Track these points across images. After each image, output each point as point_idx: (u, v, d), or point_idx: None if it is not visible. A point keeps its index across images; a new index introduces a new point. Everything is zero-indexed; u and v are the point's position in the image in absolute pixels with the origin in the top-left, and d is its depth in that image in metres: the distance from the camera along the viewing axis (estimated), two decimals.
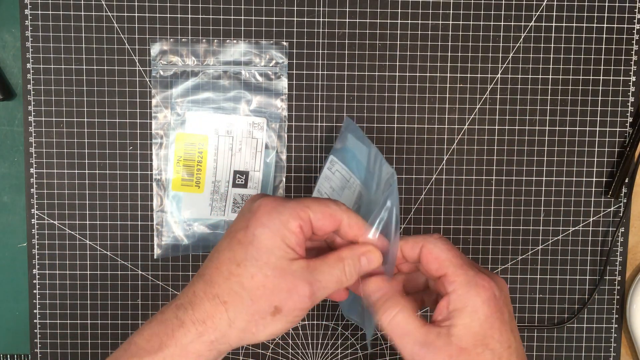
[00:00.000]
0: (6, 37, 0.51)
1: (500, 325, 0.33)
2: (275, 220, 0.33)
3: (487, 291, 0.33)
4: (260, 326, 0.33)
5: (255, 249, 0.33)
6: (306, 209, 0.34)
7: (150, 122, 0.51)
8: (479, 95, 0.51)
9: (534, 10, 0.51)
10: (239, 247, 0.33)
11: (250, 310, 0.33)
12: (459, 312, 0.33)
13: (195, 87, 0.50)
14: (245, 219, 0.34)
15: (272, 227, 0.33)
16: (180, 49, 0.50)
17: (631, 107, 0.52)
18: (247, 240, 0.33)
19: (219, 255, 0.34)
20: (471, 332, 0.32)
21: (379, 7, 0.50)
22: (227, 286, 0.33)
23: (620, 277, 0.53)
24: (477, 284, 0.33)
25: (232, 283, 0.33)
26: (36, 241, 0.51)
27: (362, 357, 0.54)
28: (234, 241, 0.33)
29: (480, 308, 0.32)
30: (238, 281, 0.33)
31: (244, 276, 0.33)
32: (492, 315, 0.33)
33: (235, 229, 0.34)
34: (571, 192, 0.52)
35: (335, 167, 0.45)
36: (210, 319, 0.33)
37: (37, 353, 0.52)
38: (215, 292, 0.33)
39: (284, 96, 0.51)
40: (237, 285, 0.33)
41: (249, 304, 0.33)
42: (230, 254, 0.33)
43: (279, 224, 0.33)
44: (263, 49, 0.50)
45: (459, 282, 0.33)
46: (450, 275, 0.34)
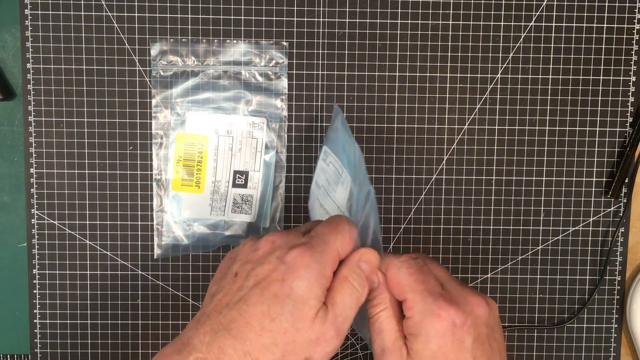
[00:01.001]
0: (6, 37, 0.51)
1: (457, 355, 0.32)
2: (314, 270, 0.32)
3: (442, 321, 0.33)
4: None
5: (292, 302, 0.31)
6: (335, 248, 0.33)
7: (150, 122, 0.51)
8: (479, 95, 0.51)
9: (534, 10, 0.51)
10: (274, 302, 0.31)
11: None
12: (413, 338, 0.33)
13: (195, 87, 0.50)
14: (280, 270, 0.32)
15: (310, 279, 0.32)
16: (180, 49, 0.50)
17: (631, 107, 0.52)
18: (284, 294, 0.31)
19: (250, 309, 0.31)
20: (425, 355, 0.33)
21: (379, 7, 0.50)
22: (259, 342, 0.31)
23: (620, 277, 0.53)
24: (433, 313, 0.33)
25: (265, 339, 0.31)
26: (36, 241, 0.51)
27: (362, 357, 0.54)
28: (268, 294, 0.31)
29: (433, 338, 0.33)
30: (271, 337, 0.31)
31: (277, 332, 0.31)
32: (446, 346, 0.32)
33: (268, 280, 0.32)
34: (571, 192, 0.52)
35: (329, 158, 0.44)
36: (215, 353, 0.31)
37: (37, 353, 0.52)
38: (247, 349, 0.31)
39: (284, 96, 0.51)
40: (270, 341, 0.31)
41: (281, 359, 0.31)
42: (264, 307, 0.31)
43: (317, 273, 0.32)
44: (263, 49, 0.50)
45: (415, 310, 0.33)
46: (409, 302, 0.34)
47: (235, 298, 0.32)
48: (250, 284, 0.32)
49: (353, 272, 0.34)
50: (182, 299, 0.52)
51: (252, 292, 0.32)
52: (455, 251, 0.52)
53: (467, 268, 0.52)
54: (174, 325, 0.52)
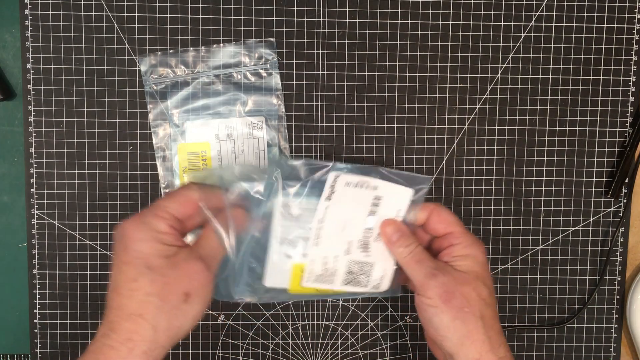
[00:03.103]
0: (6, 37, 0.51)
1: (490, 277, 0.41)
2: (146, 231, 0.37)
3: (482, 247, 0.42)
4: (181, 317, 0.36)
5: (142, 260, 0.36)
6: (163, 208, 0.37)
7: (150, 132, 0.51)
8: (479, 95, 0.51)
9: (534, 10, 0.51)
10: (127, 267, 0.36)
11: (165, 309, 0.36)
12: (463, 257, 0.41)
13: (189, 96, 0.50)
14: (122, 244, 0.37)
15: (145, 237, 0.36)
16: (169, 60, 0.50)
17: (631, 107, 0.52)
18: (131, 258, 0.36)
19: (114, 282, 0.37)
20: (473, 270, 0.40)
21: (379, 7, 0.50)
22: (134, 301, 0.36)
23: (620, 277, 0.53)
24: (477, 241, 0.42)
25: (137, 296, 0.36)
26: (36, 241, 0.51)
27: (362, 357, 0.54)
28: (121, 264, 0.36)
29: (480, 256, 0.41)
30: (141, 292, 0.36)
31: (144, 286, 0.36)
32: (485, 266, 0.41)
33: (116, 255, 0.37)
34: (571, 192, 0.52)
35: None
36: (135, 334, 0.35)
37: (37, 353, 0.52)
38: (128, 311, 0.36)
39: (279, 92, 0.51)
40: (143, 295, 0.36)
41: (161, 304, 0.36)
42: (123, 275, 0.36)
43: (150, 231, 0.37)
44: (252, 48, 0.50)
45: (463, 238, 0.41)
46: (457, 233, 0.41)
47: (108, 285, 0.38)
48: (112, 268, 0.38)
49: (218, 226, 0.39)
50: None
51: (114, 269, 0.37)
52: None
53: None
54: None
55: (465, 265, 0.40)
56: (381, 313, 0.53)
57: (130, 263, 0.36)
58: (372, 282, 0.43)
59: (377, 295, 0.45)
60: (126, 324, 0.35)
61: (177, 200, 0.38)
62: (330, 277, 0.42)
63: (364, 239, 0.42)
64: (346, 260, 0.42)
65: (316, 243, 0.41)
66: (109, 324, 0.36)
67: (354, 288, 0.43)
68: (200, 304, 0.37)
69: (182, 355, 0.53)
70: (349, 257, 0.42)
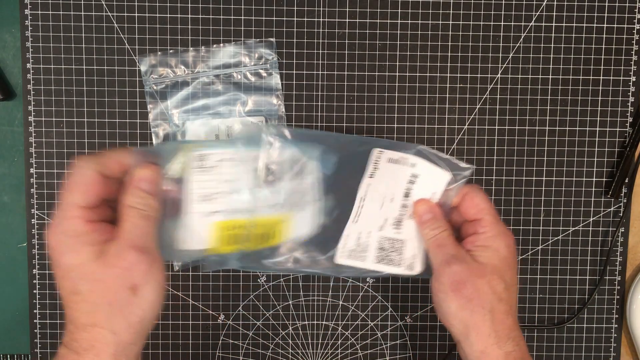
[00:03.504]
0: (6, 37, 0.51)
1: (512, 268, 0.41)
2: (66, 240, 0.35)
3: (509, 239, 0.41)
4: (137, 310, 0.35)
5: (74, 272, 0.34)
6: (70, 206, 0.35)
7: (149, 122, 0.51)
8: (479, 95, 0.51)
9: (534, 10, 0.51)
10: (64, 282, 0.35)
11: (116, 311, 0.34)
12: (484, 248, 0.40)
13: (189, 96, 0.50)
14: (52, 258, 0.35)
15: (68, 247, 0.35)
16: (169, 60, 0.50)
17: (631, 107, 0.52)
18: (64, 272, 0.35)
19: (61, 296, 0.35)
20: (492, 262, 0.40)
21: (379, 7, 0.50)
22: (83, 314, 0.34)
23: (620, 277, 0.53)
24: (505, 232, 0.41)
25: (84, 308, 0.34)
26: (36, 241, 0.51)
27: (362, 357, 0.54)
28: (58, 279, 0.35)
29: (502, 250, 0.40)
30: (87, 304, 0.34)
31: (86, 297, 0.34)
32: (509, 258, 0.40)
33: (54, 270, 0.36)
34: (571, 192, 0.52)
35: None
36: (96, 342, 0.34)
37: (37, 353, 0.52)
38: (81, 322, 0.34)
39: (279, 92, 0.51)
40: (89, 306, 0.34)
41: (110, 309, 0.34)
42: (65, 290, 0.35)
43: (70, 239, 0.35)
44: (252, 48, 0.50)
45: (490, 227, 0.40)
46: (485, 221, 0.41)
47: None
48: (55, 276, 0.36)
49: (131, 195, 0.36)
50: (182, 298, 0.52)
51: (56, 282, 0.36)
52: None
53: None
54: (165, 325, 0.52)
55: (484, 257, 0.40)
56: (381, 313, 0.53)
57: (65, 277, 0.35)
58: (405, 261, 0.43)
59: (414, 276, 0.44)
60: (83, 334, 0.34)
61: (77, 189, 0.35)
62: (362, 252, 0.43)
63: (398, 216, 0.42)
64: (378, 236, 0.42)
65: (356, 220, 0.42)
66: (70, 334, 0.35)
67: (387, 267, 0.43)
68: (153, 288, 0.35)
69: (182, 355, 0.53)
70: (381, 233, 0.42)
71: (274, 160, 0.39)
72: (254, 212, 0.39)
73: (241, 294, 0.52)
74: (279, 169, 0.39)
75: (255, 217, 0.39)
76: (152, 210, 0.37)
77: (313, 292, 0.53)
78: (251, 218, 0.39)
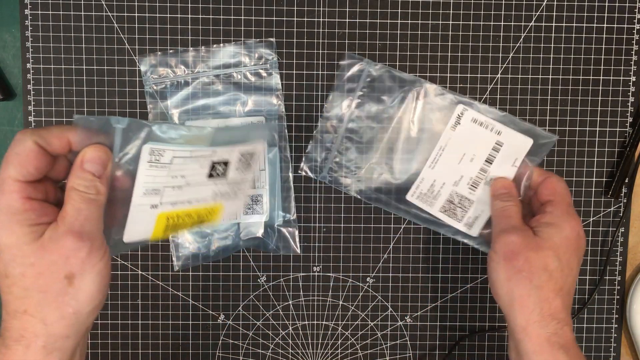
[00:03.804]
0: (6, 37, 0.51)
1: (573, 250, 0.40)
2: (2, 218, 0.32)
3: (576, 223, 0.41)
4: (72, 302, 0.32)
5: (6, 253, 0.32)
6: (8, 180, 0.32)
7: None
8: (479, 95, 0.51)
9: (534, 10, 0.51)
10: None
11: (49, 299, 0.32)
12: (547, 225, 0.40)
13: (190, 96, 0.50)
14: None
15: (3, 225, 0.32)
16: (169, 60, 0.50)
17: (631, 107, 0.52)
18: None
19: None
20: (551, 240, 0.40)
21: (379, 7, 0.50)
22: (13, 298, 0.32)
23: (620, 277, 0.53)
24: (573, 216, 0.41)
25: (15, 292, 0.32)
26: None
27: (362, 357, 0.54)
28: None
29: (566, 230, 0.40)
30: (18, 288, 0.32)
31: (18, 280, 0.32)
32: (571, 241, 0.40)
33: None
34: (571, 192, 0.52)
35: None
36: (25, 331, 0.32)
37: None
38: (12, 308, 0.32)
39: (279, 92, 0.51)
40: (20, 290, 0.32)
41: (43, 296, 0.32)
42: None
43: (5, 216, 0.32)
44: (252, 48, 0.50)
45: (558, 207, 0.41)
46: (556, 202, 0.42)
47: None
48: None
49: (76, 177, 0.33)
50: (182, 298, 0.52)
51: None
52: (455, 251, 0.52)
53: (467, 268, 0.52)
54: (165, 325, 0.52)
55: (545, 233, 0.40)
56: (381, 313, 0.53)
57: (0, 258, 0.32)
58: (465, 219, 0.47)
59: (466, 237, 0.48)
60: (14, 321, 0.32)
61: (14, 161, 0.32)
62: (432, 199, 0.47)
63: (475, 179, 0.46)
64: (451, 190, 0.46)
65: (432, 166, 0.47)
66: (3, 322, 0.33)
67: (449, 219, 0.47)
68: (92, 279, 0.32)
69: (182, 355, 0.53)
70: (455, 188, 0.45)
71: (223, 159, 0.41)
72: (195, 202, 0.41)
73: (241, 294, 0.52)
74: (229, 164, 0.42)
75: (196, 207, 0.41)
76: (97, 195, 0.33)
77: (313, 292, 0.53)
78: (193, 207, 0.40)
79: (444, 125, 0.49)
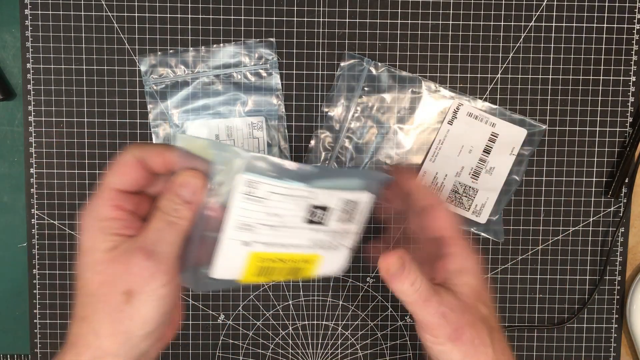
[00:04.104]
0: (6, 37, 0.51)
1: (486, 285, 0.38)
2: (89, 220, 0.32)
3: (477, 257, 0.38)
4: (126, 320, 0.31)
5: (83, 255, 0.32)
6: (105, 187, 0.33)
7: (149, 122, 0.51)
8: (479, 95, 0.51)
9: (534, 10, 0.51)
10: (77, 262, 0.33)
11: (105, 311, 0.31)
12: (458, 273, 0.37)
13: (189, 96, 0.50)
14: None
15: (88, 228, 0.32)
16: (169, 60, 0.50)
17: (631, 107, 0.52)
18: (78, 253, 0.33)
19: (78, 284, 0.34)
20: (472, 289, 0.37)
21: (379, 7, 0.50)
22: (79, 302, 0.32)
23: (620, 277, 0.53)
24: (472, 250, 0.38)
25: (80, 297, 0.32)
26: (36, 241, 0.51)
27: (362, 357, 0.54)
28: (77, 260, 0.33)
29: (476, 267, 0.37)
30: (83, 292, 0.32)
31: (85, 284, 0.32)
32: (482, 277, 0.38)
33: None
34: (571, 192, 0.52)
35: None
36: (79, 339, 0.32)
37: (37, 353, 0.52)
38: (75, 312, 0.33)
39: (279, 92, 0.51)
40: (84, 295, 0.32)
41: (100, 306, 0.32)
42: (75, 273, 0.33)
43: (92, 220, 0.32)
44: (252, 48, 0.50)
45: (459, 247, 0.37)
46: (451, 239, 0.37)
47: None
48: None
49: (165, 198, 0.33)
50: (182, 298, 0.52)
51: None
52: None
53: None
54: None
55: (463, 285, 0.37)
56: (381, 313, 0.53)
57: (78, 259, 0.33)
58: (473, 207, 0.48)
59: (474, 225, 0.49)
60: (74, 327, 0.32)
61: (116, 171, 0.33)
62: (436, 191, 0.48)
63: (476, 168, 0.47)
64: (454, 181, 0.47)
65: (433, 160, 0.48)
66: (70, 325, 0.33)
67: (457, 209, 0.49)
68: (149, 304, 0.31)
69: (182, 355, 0.53)
70: (457, 178, 0.47)
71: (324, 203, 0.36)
72: (291, 248, 0.37)
73: (241, 294, 0.52)
74: (329, 211, 0.37)
75: (291, 252, 0.37)
76: (179, 219, 0.33)
77: (313, 292, 0.53)
78: (287, 252, 0.37)
79: (441, 120, 0.50)
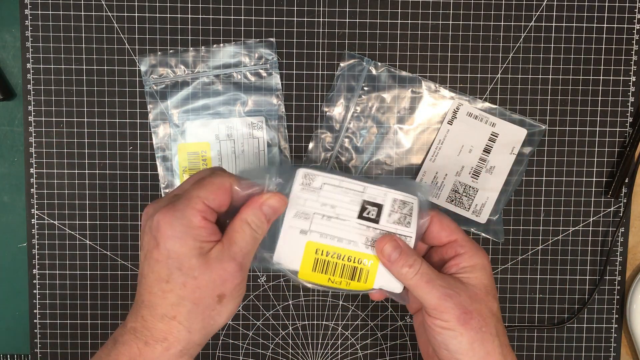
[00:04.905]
0: (6, 37, 0.51)
1: (495, 284, 0.40)
2: (179, 227, 0.35)
3: (487, 254, 0.40)
4: (216, 317, 0.36)
5: (174, 260, 0.35)
6: (198, 199, 0.35)
7: (150, 132, 0.51)
8: (479, 95, 0.51)
9: (534, 10, 0.51)
10: (159, 266, 0.35)
11: (199, 311, 0.35)
12: (471, 268, 0.39)
13: (189, 96, 0.50)
14: (153, 237, 0.35)
15: (178, 234, 0.35)
16: (169, 60, 0.50)
17: (631, 107, 0.52)
18: (163, 257, 0.35)
19: (146, 280, 0.36)
20: (482, 283, 0.39)
21: (379, 7, 0.50)
22: (167, 303, 0.35)
23: (620, 277, 0.53)
24: (480, 248, 0.40)
25: (170, 298, 0.35)
26: (36, 241, 0.51)
27: (362, 357, 0.54)
28: (152, 261, 0.35)
29: (487, 265, 0.39)
30: (174, 295, 0.35)
31: (176, 288, 0.35)
32: (491, 273, 0.40)
33: (148, 250, 0.36)
34: (571, 192, 0.52)
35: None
36: (170, 335, 0.35)
37: (37, 353, 0.52)
38: (161, 312, 0.35)
39: (279, 92, 0.51)
40: (175, 298, 0.35)
41: (194, 307, 0.35)
42: (154, 274, 0.35)
43: (183, 228, 0.35)
44: (252, 48, 0.50)
45: (469, 246, 0.39)
46: (461, 241, 0.40)
47: (138, 276, 0.37)
48: (142, 258, 0.36)
49: (252, 214, 0.37)
50: None
51: (143, 265, 0.36)
52: None
53: None
54: None
55: (474, 278, 0.39)
56: (381, 313, 0.53)
57: (162, 262, 0.35)
58: (473, 207, 0.48)
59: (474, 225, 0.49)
60: (160, 324, 0.35)
61: (210, 189, 0.36)
62: (436, 191, 0.48)
63: (476, 168, 0.47)
64: (454, 180, 0.47)
65: (433, 160, 0.48)
66: (141, 319, 0.35)
67: (456, 208, 0.49)
68: (235, 301, 0.37)
69: None
70: (457, 178, 0.47)
71: (376, 200, 0.40)
72: (346, 242, 0.39)
73: None
74: (381, 209, 0.40)
75: (346, 247, 0.39)
76: (261, 235, 0.38)
77: (313, 292, 0.53)
78: (342, 246, 0.39)
79: (441, 120, 0.50)
